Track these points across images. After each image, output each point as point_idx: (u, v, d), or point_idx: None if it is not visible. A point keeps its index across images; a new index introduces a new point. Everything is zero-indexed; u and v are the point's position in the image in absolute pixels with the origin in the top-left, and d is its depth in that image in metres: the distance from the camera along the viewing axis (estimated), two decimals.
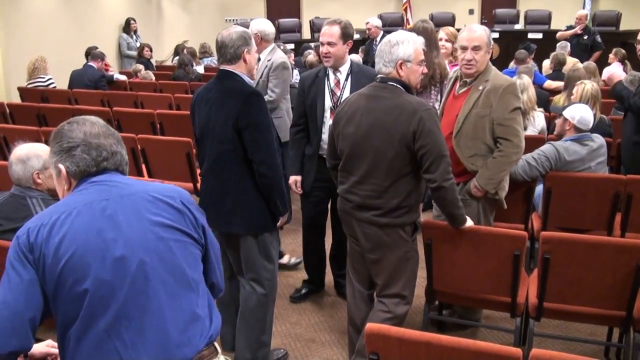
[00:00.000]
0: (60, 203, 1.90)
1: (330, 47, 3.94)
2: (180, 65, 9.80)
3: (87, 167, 1.92)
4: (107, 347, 1.79)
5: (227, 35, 3.21)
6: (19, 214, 3.16)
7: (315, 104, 4.02)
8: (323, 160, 3.98)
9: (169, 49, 13.64)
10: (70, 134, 1.93)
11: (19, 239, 1.81)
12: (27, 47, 9.66)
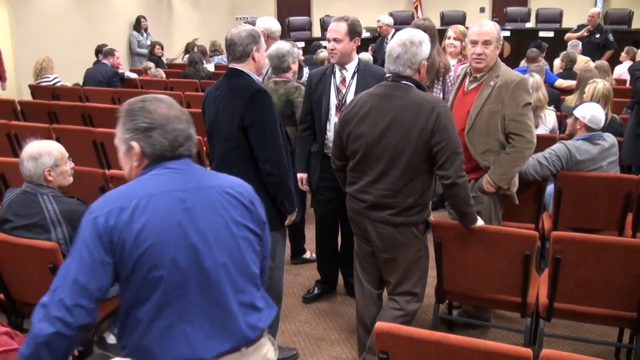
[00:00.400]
0: (138, 186, 1.92)
1: (336, 43, 3.92)
2: (190, 63, 9.82)
3: (163, 151, 1.95)
4: (177, 329, 1.86)
5: (236, 34, 3.21)
6: (29, 211, 3.18)
7: (321, 101, 4.01)
8: (328, 159, 3.98)
9: (180, 47, 13.67)
10: (147, 114, 1.95)
11: (97, 220, 1.83)
12: (38, 45, 9.71)
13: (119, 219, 1.83)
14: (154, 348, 1.87)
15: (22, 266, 3.14)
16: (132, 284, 1.86)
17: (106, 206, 1.86)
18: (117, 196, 1.89)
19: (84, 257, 1.81)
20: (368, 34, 13.14)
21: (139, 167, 1.97)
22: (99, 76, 8.77)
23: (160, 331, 1.87)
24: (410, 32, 3.14)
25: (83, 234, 1.84)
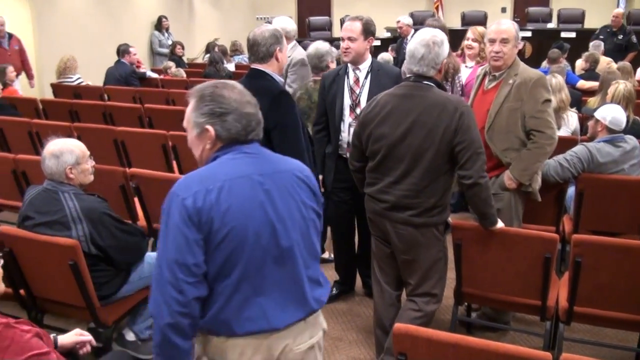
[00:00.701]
0: (219, 169, 2.03)
1: (350, 42, 3.90)
2: (211, 63, 9.87)
3: (237, 135, 2.06)
4: (253, 302, 2.01)
5: (259, 34, 3.21)
6: (50, 208, 3.21)
7: (335, 101, 3.99)
8: (343, 160, 3.97)
9: (200, 46, 13.74)
10: (222, 99, 2.05)
11: (184, 202, 1.93)
12: (60, 44, 9.80)
13: (206, 201, 1.93)
14: (232, 320, 1.99)
15: (42, 263, 3.17)
16: (214, 260, 1.96)
17: (192, 188, 1.96)
18: (201, 178, 1.99)
19: (178, 238, 1.92)
20: (388, 34, 13.13)
21: (212, 150, 2.08)
22: (116, 75, 8.86)
23: (238, 304, 1.99)
24: (430, 32, 3.12)
25: (172, 218, 1.94)
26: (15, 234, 3.19)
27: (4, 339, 2.01)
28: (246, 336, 2.01)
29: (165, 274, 1.92)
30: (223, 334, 2.02)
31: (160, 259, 1.94)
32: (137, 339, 3.67)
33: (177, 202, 1.94)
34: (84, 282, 3.07)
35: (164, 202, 2.00)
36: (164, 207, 1.99)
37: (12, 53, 8.49)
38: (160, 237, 1.97)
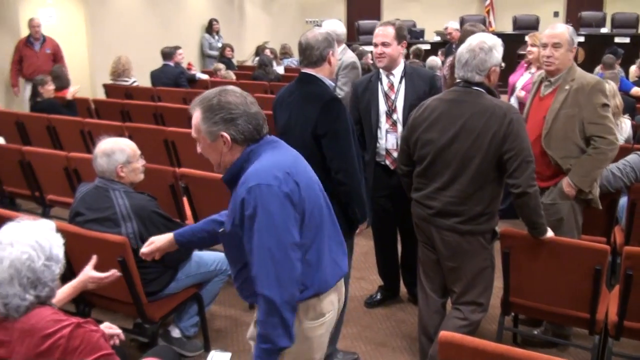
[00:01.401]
0: (274, 157, 2.23)
1: (384, 47, 3.87)
2: (260, 66, 9.96)
3: (251, 136, 2.22)
4: (329, 259, 2.33)
5: (312, 37, 3.20)
6: (101, 205, 3.28)
7: (370, 109, 3.95)
8: (381, 167, 3.94)
9: (250, 49, 13.87)
10: (230, 105, 2.19)
11: (280, 188, 2.12)
12: (112, 45, 10.00)
13: (291, 183, 2.16)
14: (328, 277, 2.31)
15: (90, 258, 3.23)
16: (307, 233, 2.21)
17: (277, 176, 2.14)
18: (275, 166, 2.17)
19: (286, 222, 2.13)
20: (438, 38, 13.04)
21: (231, 152, 2.22)
22: (163, 78, 8.95)
23: (325, 264, 2.29)
24: (480, 37, 3.09)
25: (272, 206, 2.10)
26: (66, 229, 3.25)
27: (74, 339, 2.03)
28: (332, 287, 2.35)
29: (280, 257, 2.10)
30: (321, 293, 2.30)
31: (272, 244, 2.09)
32: (182, 335, 3.72)
33: (273, 191, 2.11)
34: (132, 278, 3.13)
35: (245, 200, 2.11)
36: (253, 202, 2.10)
37: (42, 56, 8.57)
38: (261, 229, 2.09)
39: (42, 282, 2.06)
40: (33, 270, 2.03)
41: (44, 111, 6.71)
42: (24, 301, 2.03)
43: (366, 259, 5.09)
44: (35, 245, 2.05)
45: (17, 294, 2.02)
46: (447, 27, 9.70)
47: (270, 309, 2.10)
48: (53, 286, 2.12)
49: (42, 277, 2.06)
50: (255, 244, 2.11)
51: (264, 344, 2.14)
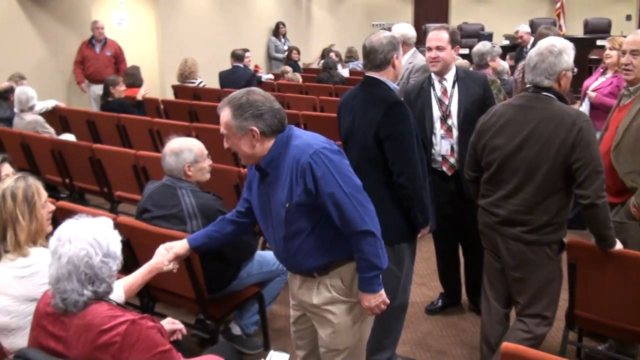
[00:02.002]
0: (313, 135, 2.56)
1: (439, 51, 3.82)
2: (324, 69, 10.00)
3: (276, 128, 2.47)
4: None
5: (376, 40, 3.18)
6: (168, 202, 3.35)
7: (423, 115, 3.87)
8: (438, 174, 3.86)
9: (316, 52, 13.94)
10: (257, 103, 2.44)
11: (332, 146, 2.50)
12: (181, 47, 10.22)
13: (334, 144, 2.53)
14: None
15: None
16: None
17: (323, 141, 2.50)
18: (317, 137, 2.54)
19: (350, 171, 2.51)
20: (507, 42, 12.80)
21: (262, 144, 2.47)
22: (235, 79, 9.07)
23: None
24: (550, 40, 2.99)
25: (334, 161, 2.44)
26: (133, 225, 3.35)
27: (130, 335, 2.05)
28: None
29: (361, 198, 2.47)
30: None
31: (351, 190, 2.45)
32: (242, 333, 3.76)
33: (331, 150, 2.46)
34: (195, 275, 3.18)
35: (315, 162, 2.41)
36: (321, 163, 2.41)
37: (102, 58, 8.76)
38: (337, 181, 2.42)
39: (100, 278, 2.10)
40: (91, 266, 2.07)
41: (115, 110, 6.91)
42: (82, 296, 2.07)
43: (428, 265, 5.03)
44: (93, 242, 2.09)
45: (75, 289, 2.06)
46: (518, 31, 9.50)
47: (370, 241, 2.48)
48: (110, 282, 2.16)
49: (99, 273, 2.09)
50: (339, 195, 2.42)
51: (372, 272, 2.53)
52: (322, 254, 2.57)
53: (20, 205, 2.61)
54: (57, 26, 8.96)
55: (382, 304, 2.63)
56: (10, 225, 2.59)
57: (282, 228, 2.54)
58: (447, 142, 3.84)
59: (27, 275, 2.55)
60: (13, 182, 2.65)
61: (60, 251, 2.07)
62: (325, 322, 2.69)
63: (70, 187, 5.80)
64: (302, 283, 2.70)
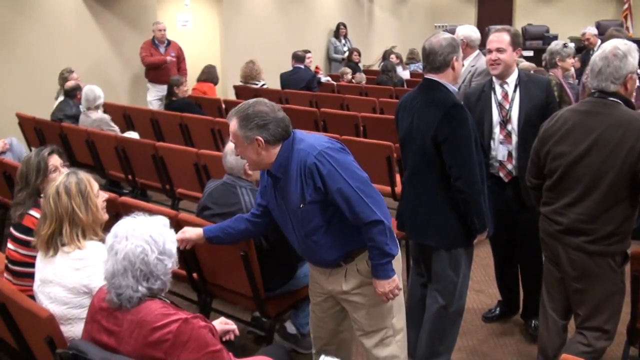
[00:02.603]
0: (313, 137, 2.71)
1: (499, 53, 3.71)
2: (383, 71, 9.98)
3: (282, 136, 2.63)
4: None
5: (436, 42, 3.16)
6: (227, 200, 3.40)
7: (483, 119, 3.76)
8: (495, 179, 3.74)
9: (377, 53, 13.90)
10: (262, 114, 2.60)
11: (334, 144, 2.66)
12: (243, 48, 10.35)
13: (338, 142, 2.71)
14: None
15: (216, 251, 3.35)
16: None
17: (325, 141, 2.66)
18: (319, 138, 2.70)
19: (355, 165, 2.67)
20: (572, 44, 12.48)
21: (267, 151, 2.63)
22: (297, 80, 9.14)
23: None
24: (614, 43, 2.88)
25: (341, 160, 2.62)
26: (194, 222, 3.40)
27: (182, 334, 2.08)
28: None
29: (367, 189, 2.62)
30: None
31: (357, 184, 2.59)
32: (298, 332, 3.78)
33: (333, 148, 2.62)
34: (252, 273, 3.22)
35: (320, 162, 2.57)
36: (326, 162, 2.57)
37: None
38: (342, 177, 2.57)
39: (155, 275, 2.14)
40: (146, 263, 2.11)
41: (179, 110, 7.07)
42: (137, 292, 2.11)
43: (486, 271, 4.94)
44: (149, 239, 2.13)
45: (130, 285, 2.10)
46: (585, 33, 9.25)
47: (380, 229, 2.60)
48: (165, 280, 2.19)
49: (154, 270, 2.13)
50: (347, 190, 2.57)
51: (385, 259, 2.65)
52: (343, 245, 2.75)
53: (75, 199, 2.70)
54: (123, 27, 9.21)
55: (396, 289, 2.75)
56: (66, 219, 2.69)
57: (301, 227, 2.73)
58: (505, 147, 3.73)
59: (82, 267, 2.64)
60: (65, 178, 2.76)
61: (116, 247, 2.12)
62: (357, 305, 2.86)
63: (133, 184, 5.95)
64: (330, 274, 2.85)
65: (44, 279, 2.69)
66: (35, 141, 6.81)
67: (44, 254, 2.72)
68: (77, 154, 6.32)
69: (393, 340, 2.93)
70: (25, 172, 3.32)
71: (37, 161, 3.33)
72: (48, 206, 2.71)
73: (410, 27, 16.01)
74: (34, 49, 8.12)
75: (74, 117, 6.54)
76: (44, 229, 2.70)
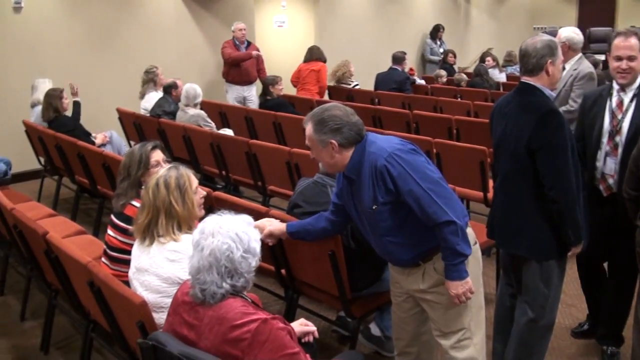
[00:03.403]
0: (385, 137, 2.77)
1: (630, 61, 3.40)
2: (476, 75, 9.80)
3: (354, 139, 2.70)
4: None
5: (531, 44, 3.04)
6: (318, 199, 3.43)
7: (593, 126, 3.53)
8: (593, 191, 3.55)
9: (473, 55, 13.65)
10: (336, 118, 2.69)
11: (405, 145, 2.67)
12: (338, 49, 10.41)
13: (408, 144, 2.70)
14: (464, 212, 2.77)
15: (304, 249, 3.38)
16: None
17: (396, 142, 2.68)
18: (391, 140, 2.72)
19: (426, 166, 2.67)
20: None
21: (341, 155, 2.70)
22: (390, 82, 9.11)
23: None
24: None
25: (415, 162, 2.63)
26: (284, 219, 3.45)
27: (261, 334, 2.10)
28: None
29: (439, 190, 2.61)
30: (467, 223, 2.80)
31: (428, 184, 2.60)
32: (382, 334, 3.77)
33: (403, 150, 2.63)
34: (339, 272, 3.23)
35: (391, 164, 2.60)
36: (397, 164, 2.59)
37: (248, 60, 8.80)
38: (414, 179, 2.58)
39: (239, 273, 2.18)
40: (231, 260, 2.15)
41: (273, 109, 7.20)
42: (220, 289, 2.15)
43: (579, 285, 4.72)
44: (235, 237, 2.17)
45: (215, 281, 2.14)
46: None
47: (452, 229, 2.59)
48: (248, 278, 2.22)
49: (239, 267, 2.17)
50: (417, 192, 2.58)
51: (457, 259, 2.63)
52: (419, 244, 2.76)
53: (173, 193, 2.80)
54: (220, 27, 9.47)
55: (469, 292, 2.71)
56: (163, 211, 2.78)
57: (377, 228, 2.77)
58: (611, 160, 3.48)
59: (176, 259, 2.72)
60: (166, 172, 2.86)
61: (202, 243, 2.16)
62: (434, 305, 2.85)
63: (226, 179, 6.10)
64: (409, 273, 2.86)
65: (139, 267, 2.81)
66: (134, 135, 7.12)
67: (140, 242, 2.84)
68: (173, 149, 6.55)
69: (471, 343, 2.88)
70: (128, 164, 3.50)
71: (139, 154, 3.50)
72: (147, 197, 2.82)
73: (508, 28, 15.62)
74: (134, 46, 8.48)
75: (172, 114, 6.78)
76: (141, 217, 2.82)
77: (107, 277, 2.76)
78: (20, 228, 3.60)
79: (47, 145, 6.15)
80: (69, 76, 7.35)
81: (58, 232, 3.55)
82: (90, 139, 6.23)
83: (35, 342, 3.97)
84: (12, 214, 3.64)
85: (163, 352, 2.17)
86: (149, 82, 7.33)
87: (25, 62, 7.53)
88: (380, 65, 9.70)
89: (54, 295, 3.81)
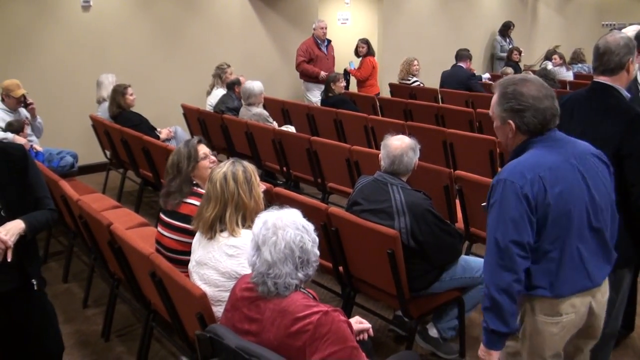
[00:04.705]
0: (540, 157, 2.30)
1: None
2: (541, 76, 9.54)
3: (534, 129, 2.33)
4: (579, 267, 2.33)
5: (613, 41, 2.89)
6: (378, 197, 3.41)
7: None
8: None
9: (539, 52, 13.32)
10: (522, 97, 2.32)
11: (523, 189, 2.23)
12: (402, 46, 10.33)
13: (540, 186, 2.23)
14: (568, 283, 2.32)
15: (363, 246, 3.38)
16: (547, 237, 2.28)
17: (525, 175, 2.24)
18: (530, 166, 2.27)
19: (517, 220, 2.23)
20: None
21: (514, 139, 2.38)
22: (455, 80, 8.98)
23: (566, 271, 2.31)
24: None
25: (510, 202, 2.24)
26: (343, 216, 3.45)
27: (323, 326, 2.10)
28: (574, 294, 2.34)
29: (503, 248, 2.23)
30: (558, 296, 2.33)
31: (498, 236, 2.24)
32: (439, 336, 3.71)
33: (515, 188, 2.23)
34: (398, 271, 3.20)
35: (493, 188, 2.30)
36: (496, 194, 2.28)
37: (330, 58, 8.89)
38: (494, 219, 2.27)
39: (310, 262, 2.20)
40: (305, 251, 2.17)
41: (334, 106, 7.19)
42: (294, 280, 2.17)
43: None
44: (302, 228, 2.19)
45: (289, 272, 2.15)
46: None
47: (488, 295, 2.28)
48: (315, 267, 2.23)
49: (310, 257, 2.19)
50: (489, 230, 2.29)
51: (484, 323, 2.33)
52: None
53: (242, 185, 2.81)
54: (285, 26, 9.52)
55: None
56: (231, 203, 2.80)
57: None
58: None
59: (235, 254, 2.74)
60: (231, 166, 2.87)
61: (272, 238, 2.16)
62: None
63: (287, 175, 6.14)
64: None
65: (199, 261, 2.84)
66: (198, 131, 7.23)
67: (203, 236, 2.86)
68: (236, 144, 6.62)
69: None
70: (177, 161, 3.46)
71: (187, 150, 3.48)
72: (214, 190, 2.83)
73: (576, 25, 15.17)
74: (200, 44, 8.62)
75: (234, 110, 6.85)
76: (207, 211, 2.82)
77: (168, 269, 2.81)
78: (85, 218, 3.70)
79: (113, 139, 6.31)
80: (136, 74, 7.54)
81: (121, 223, 3.63)
82: (155, 133, 6.36)
83: (96, 329, 4.08)
84: (78, 205, 3.75)
85: (220, 344, 2.19)
86: (216, 77, 7.47)
87: (93, 60, 7.73)
88: (445, 63, 9.57)
89: (116, 285, 3.92)
